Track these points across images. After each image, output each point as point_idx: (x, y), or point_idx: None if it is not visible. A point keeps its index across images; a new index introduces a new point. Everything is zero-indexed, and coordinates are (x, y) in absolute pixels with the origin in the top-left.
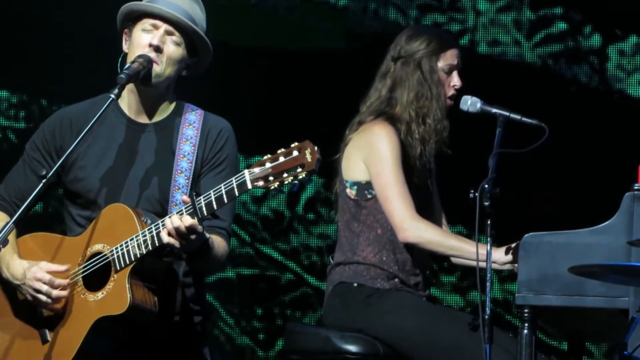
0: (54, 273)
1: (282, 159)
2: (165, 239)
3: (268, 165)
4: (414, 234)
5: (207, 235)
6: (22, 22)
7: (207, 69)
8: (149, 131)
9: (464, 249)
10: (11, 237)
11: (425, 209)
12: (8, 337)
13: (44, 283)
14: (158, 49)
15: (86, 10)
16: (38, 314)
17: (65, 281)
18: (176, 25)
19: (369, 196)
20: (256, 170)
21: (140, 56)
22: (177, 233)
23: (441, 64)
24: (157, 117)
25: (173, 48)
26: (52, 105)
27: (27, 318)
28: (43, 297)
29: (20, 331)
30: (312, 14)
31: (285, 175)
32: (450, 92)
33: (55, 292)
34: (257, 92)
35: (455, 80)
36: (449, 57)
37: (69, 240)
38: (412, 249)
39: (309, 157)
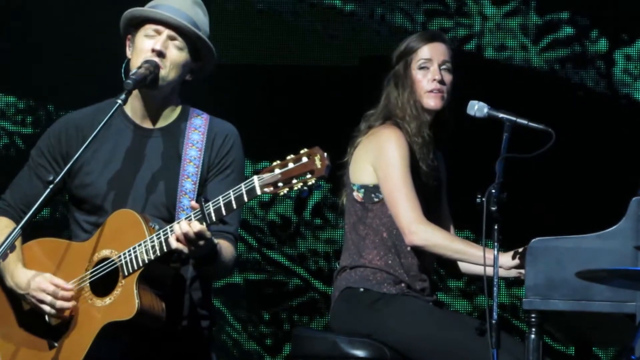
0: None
1: (291, 165)
2: (174, 244)
3: (277, 171)
4: (421, 237)
5: (215, 240)
6: (28, 28)
7: (211, 73)
8: (155, 136)
9: (471, 253)
10: (17, 244)
11: (433, 212)
12: (14, 346)
13: (48, 294)
14: (161, 54)
15: (93, 17)
16: (44, 320)
17: (69, 293)
18: (179, 30)
19: (376, 199)
20: (265, 176)
21: (147, 61)
22: (186, 239)
23: (414, 63)
24: (163, 122)
25: (176, 52)
26: (59, 111)
27: (33, 325)
28: (47, 308)
29: (26, 339)
30: (319, 20)
31: (294, 181)
32: (431, 86)
33: (59, 303)
34: (265, 98)
35: (432, 74)
36: (422, 53)
37: (76, 246)
38: (418, 253)
39: (318, 164)
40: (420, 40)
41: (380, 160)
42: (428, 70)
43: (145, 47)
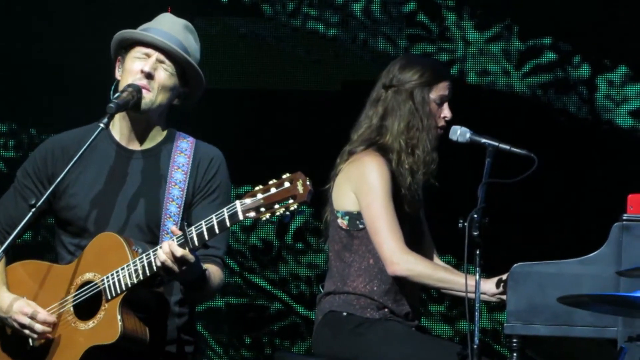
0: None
1: (273, 190)
2: (159, 264)
3: (259, 196)
4: (403, 268)
5: (204, 266)
6: (11, 52)
7: (199, 99)
8: (138, 158)
9: (454, 281)
10: (0, 266)
11: (416, 239)
12: None
13: (29, 317)
14: (149, 76)
15: (76, 40)
16: (28, 345)
17: (51, 317)
18: (168, 53)
19: (361, 226)
20: (248, 201)
21: (129, 85)
22: (167, 263)
23: (433, 95)
24: (148, 144)
25: (164, 75)
26: (41, 134)
27: (16, 350)
28: (27, 332)
29: None
30: (301, 44)
31: (276, 206)
32: (441, 123)
33: (40, 327)
34: (247, 122)
35: (446, 112)
36: (441, 89)
37: (60, 269)
38: (403, 279)
39: (300, 189)
40: (440, 73)
41: (362, 188)
42: (441, 107)
43: (135, 68)
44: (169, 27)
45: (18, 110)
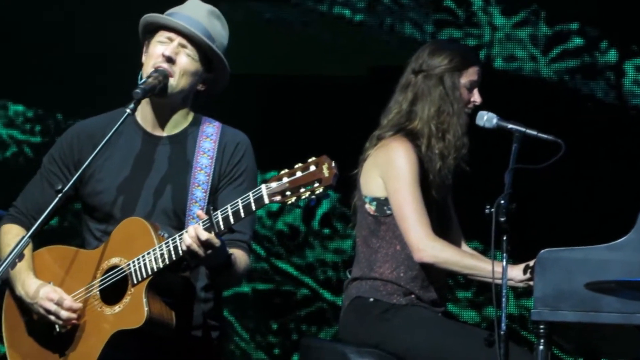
0: (68, 290)
1: (299, 173)
2: (184, 248)
3: (285, 180)
4: (430, 254)
5: (230, 251)
6: (37, 38)
7: (226, 85)
8: (165, 144)
9: (481, 268)
10: (27, 252)
11: (444, 225)
12: (23, 356)
13: (55, 304)
14: (170, 60)
15: (101, 26)
16: (54, 329)
17: (77, 304)
18: (190, 38)
19: (388, 212)
20: (273, 185)
21: (156, 70)
22: (192, 247)
23: (463, 80)
24: (174, 130)
25: (186, 60)
26: (67, 120)
27: (42, 334)
28: (53, 318)
29: (35, 348)
30: (328, 29)
31: (302, 190)
32: (469, 108)
33: (66, 314)
34: (274, 108)
35: (476, 96)
36: (470, 74)
37: (86, 254)
38: (430, 266)
39: (326, 172)
40: (470, 58)
41: (389, 174)
42: (471, 92)
43: (157, 52)
44: (193, 12)
45: (44, 96)
